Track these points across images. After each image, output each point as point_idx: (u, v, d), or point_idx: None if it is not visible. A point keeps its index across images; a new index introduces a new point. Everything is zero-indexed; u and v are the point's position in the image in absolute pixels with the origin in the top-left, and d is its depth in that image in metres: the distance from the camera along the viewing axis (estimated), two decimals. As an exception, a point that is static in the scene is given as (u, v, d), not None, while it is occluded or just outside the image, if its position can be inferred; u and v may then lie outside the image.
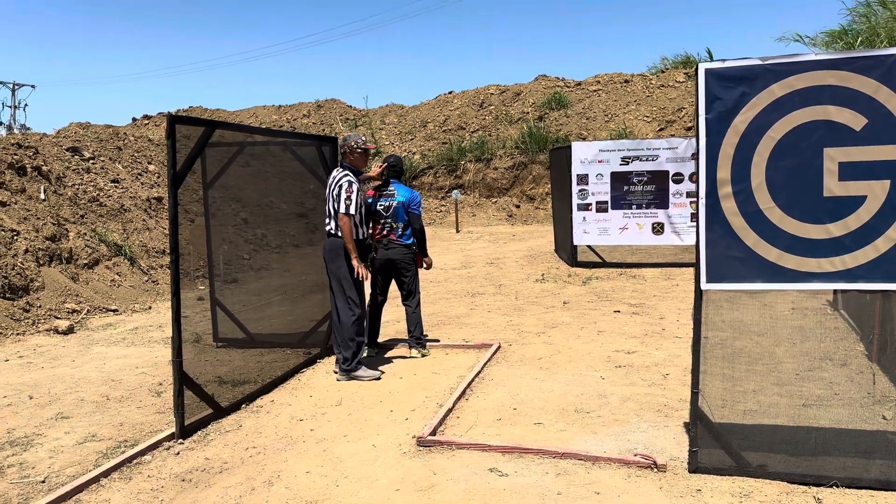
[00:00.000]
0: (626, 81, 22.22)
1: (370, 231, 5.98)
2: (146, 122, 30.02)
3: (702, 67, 3.34)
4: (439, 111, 24.07)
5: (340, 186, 5.42)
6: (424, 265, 6.20)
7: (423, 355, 6.11)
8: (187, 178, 6.99)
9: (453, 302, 8.71)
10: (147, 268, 11.07)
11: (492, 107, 23.07)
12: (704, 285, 3.43)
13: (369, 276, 5.55)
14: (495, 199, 19.82)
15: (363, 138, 5.74)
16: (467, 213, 19.27)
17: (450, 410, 4.53)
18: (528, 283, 9.98)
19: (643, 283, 9.72)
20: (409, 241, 6.02)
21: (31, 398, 5.18)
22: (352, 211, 5.33)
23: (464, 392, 4.91)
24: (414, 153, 22.10)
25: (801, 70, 3.20)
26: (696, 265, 3.44)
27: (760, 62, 3.25)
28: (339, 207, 5.36)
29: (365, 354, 6.22)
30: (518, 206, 19.38)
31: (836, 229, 3.23)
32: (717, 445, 3.53)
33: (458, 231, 17.53)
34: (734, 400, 4.59)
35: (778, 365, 5.41)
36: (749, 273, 3.36)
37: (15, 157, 11.11)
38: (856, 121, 3.17)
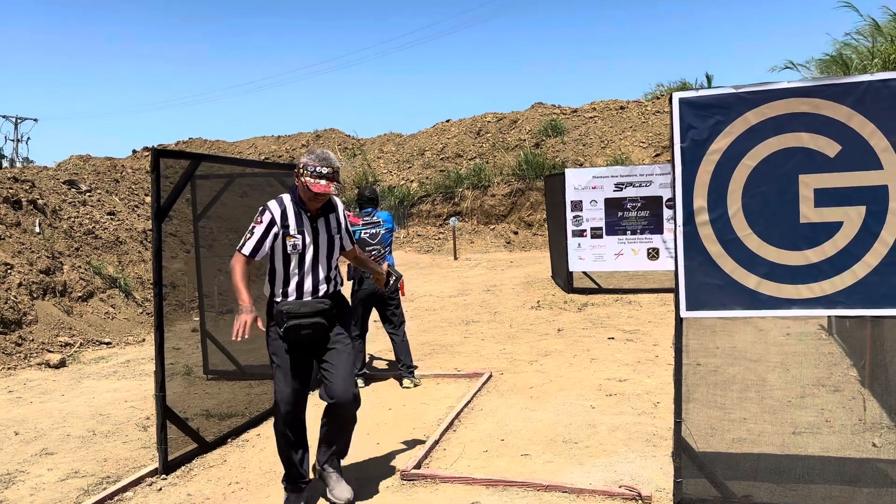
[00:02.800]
0: (622, 108, 22.37)
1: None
2: (146, 153, 30.21)
3: (675, 97, 3.36)
4: (437, 139, 24.22)
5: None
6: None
7: (416, 384, 6.07)
8: (182, 209, 7.03)
9: (447, 330, 8.67)
10: (142, 300, 11.07)
11: (489, 134, 23.21)
12: (684, 313, 3.41)
13: (246, 333, 3.40)
14: (493, 226, 19.84)
15: (325, 160, 3.57)
16: (465, 241, 19.29)
17: (436, 442, 4.49)
18: (524, 310, 9.95)
19: (639, 308, 9.68)
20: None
21: (16, 434, 5.15)
22: (245, 251, 3.55)
23: (451, 423, 4.87)
24: (412, 181, 22.19)
25: (775, 98, 3.21)
26: (676, 293, 3.43)
27: (734, 90, 3.27)
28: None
29: (363, 384, 6.19)
30: (516, 233, 19.40)
31: (813, 255, 3.21)
32: (702, 475, 3.48)
33: (455, 258, 17.53)
34: (723, 428, 4.55)
35: (770, 392, 5.36)
36: (728, 300, 3.34)
37: (10, 190, 11.17)
38: (830, 147, 3.17)
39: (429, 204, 21.03)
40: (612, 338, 7.75)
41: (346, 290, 5.34)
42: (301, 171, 3.56)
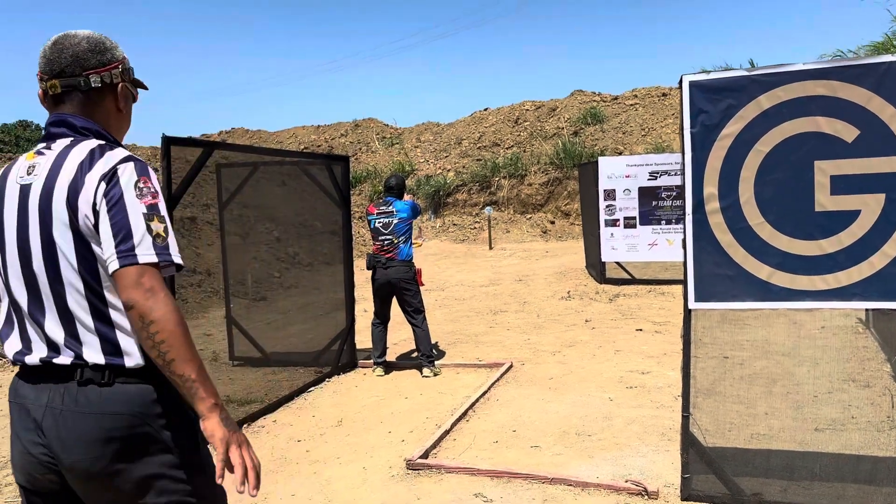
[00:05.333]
0: (664, 95, 21.90)
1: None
2: (191, 143, 30.76)
3: (685, 79, 3.24)
4: (474, 128, 24.09)
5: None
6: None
7: (436, 374, 6.05)
8: (219, 198, 7.07)
9: (474, 320, 8.63)
10: (177, 286, 11.28)
11: (527, 123, 22.99)
12: (692, 304, 3.30)
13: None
14: (529, 216, 19.68)
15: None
16: (501, 230, 19.17)
17: (447, 432, 4.46)
18: (553, 300, 9.84)
19: (672, 300, 9.48)
20: (409, 259, 6.03)
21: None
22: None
23: (465, 413, 4.83)
24: (448, 170, 22.14)
25: (789, 80, 3.07)
26: (685, 284, 3.32)
27: (746, 73, 3.14)
28: None
29: (383, 373, 6.19)
30: (553, 223, 19.21)
31: (828, 245, 3.07)
32: (708, 471, 3.38)
33: (490, 248, 17.45)
34: (743, 423, 4.42)
35: (797, 387, 5.19)
36: (739, 291, 3.22)
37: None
38: (847, 132, 3.02)
39: (465, 193, 20.96)
40: (641, 329, 7.61)
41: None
42: None
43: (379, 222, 6.02)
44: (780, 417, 4.52)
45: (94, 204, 1.59)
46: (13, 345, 1.70)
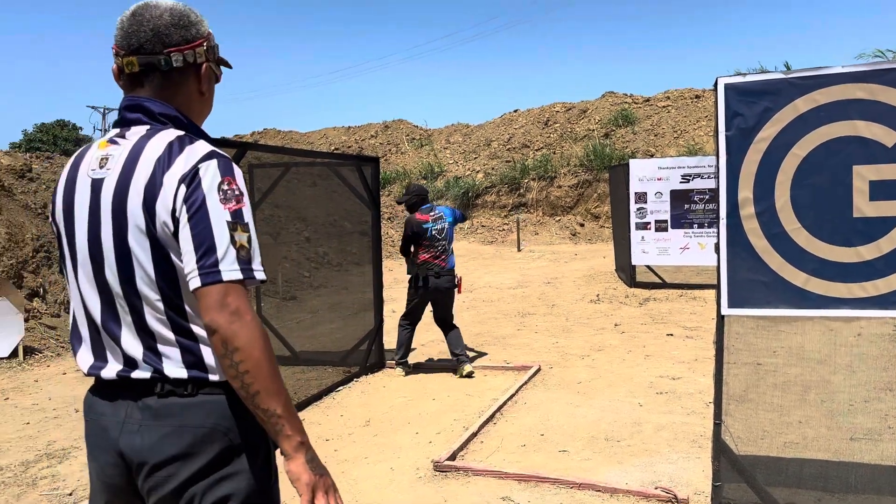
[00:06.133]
0: (697, 97, 21.65)
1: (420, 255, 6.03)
2: (224, 144, 31.17)
3: (720, 81, 3.20)
4: (504, 129, 24.05)
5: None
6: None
7: (473, 373, 6.02)
8: (251, 198, 7.15)
9: (502, 322, 8.61)
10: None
11: (557, 124, 22.89)
12: (725, 310, 3.25)
13: None
14: (559, 218, 19.58)
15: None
16: (530, 232, 19.10)
17: (474, 434, 4.45)
18: (582, 303, 9.77)
19: (703, 305, 9.36)
20: (454, 266, 6.11)
21: (76, 411, 5.40)
22: None
23: (493, 416, 4.82)
24: (477, 172, 22.13)
25: (827, 84, 3.01)
26: (718, 289, 3.27)
27: (783, 76, 3.09)
28: None
29: (403, 374, 6.22)
30: (582, 225, 19.09)
31: (867, 252, 3.01)
32: (740, 480, 3.33)
33: (519, 250, 17.39)
34: (776, 431, 4.34)
35: (832, 395, 5.09)
36: (774, 298, 3.16)
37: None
38: (887, 137, 2.95)
39: (494, 195, 20.92)
40: (671, 334, 7.52)
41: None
42: None
43: (435, 229, 6.01)
44: (814, 426, 4.44)
45: (174, 210, 1.40)
46: (87, 357, 1.55)
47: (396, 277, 12.30)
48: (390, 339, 6.97)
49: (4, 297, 7.27)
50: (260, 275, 1.44)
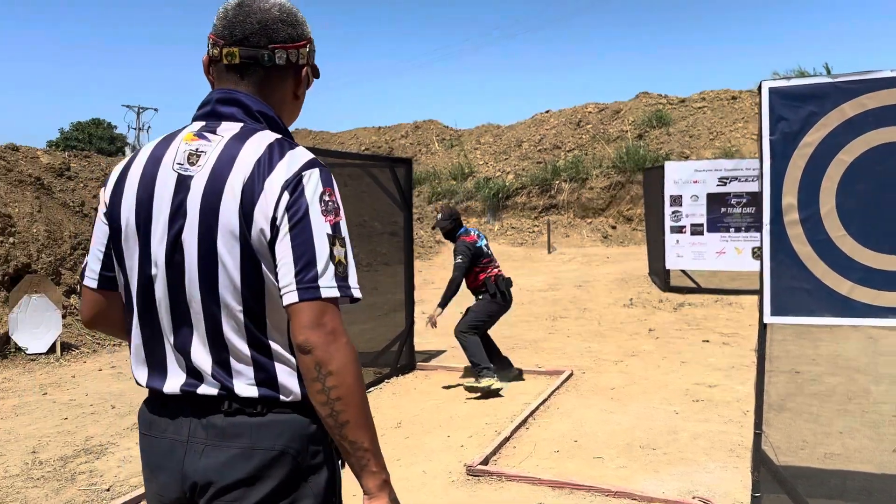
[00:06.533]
0: (734, 98, 21.34)
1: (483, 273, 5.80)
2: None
3: (765, 86, 3.13)
4: (535, 130, 23.95)
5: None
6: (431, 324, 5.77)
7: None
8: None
9: (533, 325, 8.55)
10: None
11: (589, 125, 22.72)
12: (768, 318, 3.18)
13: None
14: (590, 220, 19.43)
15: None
16: (560, 234, 18.98)
17: (506, 439, 4.42)
18: (615, 307, 9.67)
19: (740, 311, 9.21)
20: None
21: (112, 407, 5.48)
22: None
23: (525, 420, 4.79)
24: (508, 173, 22.06)
25: (875, 88, 2.93)
26: (760, 297, 3.20)
27: (830, 80, 3.01)
28: None
29: (500, 385, 5.59)
30: (614, 227, 18.92)
31: (917, 261, 2.91)
32: (780, 491, 3.25)
33: (549, 252, 17.30)
34: (816, 442, 4.25)
35: (874, 405, 4.96)
36: (818, 306, 3.08)
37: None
38: (940, 141, 2.86)
39: (524, 196, 20.84)
40: (707, 340, 7.41)
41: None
42: None
43: (485, 245, 5.91)
44: (856, 437, 4.33)
45: (275, 218, 1.29)
46: (146, 368, 1.43)
47: (426, 278, 12.31)
48: (420, 341, 6.96)
49: (43, 294, 7.42)
50: (356, 293, 1.33)
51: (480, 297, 5.82)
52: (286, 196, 1.29)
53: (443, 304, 5.68)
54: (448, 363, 6.63)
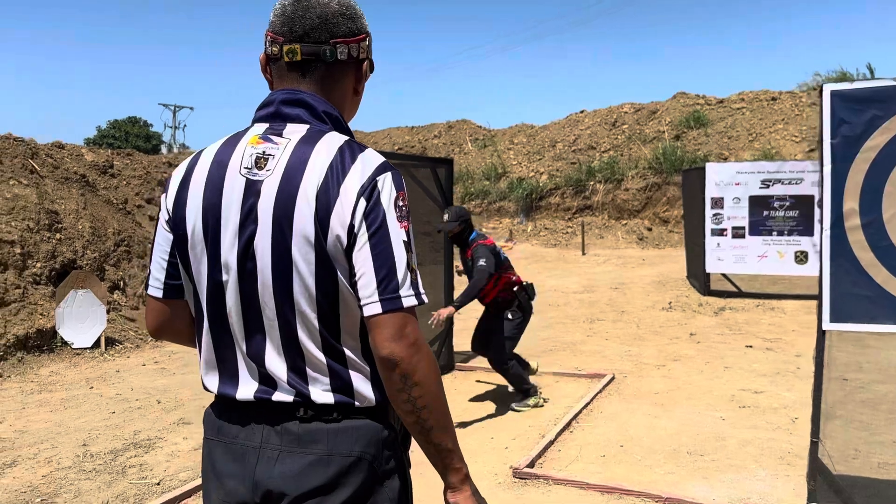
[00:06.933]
0: (774, 99, 20.96)
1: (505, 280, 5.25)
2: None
3: (826, 89, 3.07)
4: (569, 130, 23.79)
5: None
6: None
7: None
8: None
9: (570, 327, 8.50)
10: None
11: (625, 126, 22.51)
12: (827, 325, 3.12)
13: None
14: (625, 222, 19.24)
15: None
16: (594, 235, 18.84)
17: (552, 442, 4.39)
18: (654, 310, 9.57)
19: (782, 315, 9.04)
20: None
21: (158, 402, 5.57)
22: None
23: (569, 424, 4.75)
24: (541, 173, 21.96)
25: (946, 89, 2.85)
26: (819, 303, 3.14)
27: (893, 83, 2.93)
28: None
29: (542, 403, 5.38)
30: (650, 229, 18.71)
31: None
32: (837, 500, 3.18)
33: (584, 253, 17.17)
34: (868, 451, 4.16)
35: (928, 415, 4.83)
36: (879, 313, 3.01)
37: (164, 174, 12.11)
38: None
39: (558, 197, 20.72)
40: (750, 346, 7.28)
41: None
42: None
43: (501, 248, 5.47)
44: (911, 448, 4.22)
45: (352, 226, 1.27)
46: (216, 375, 1.41)
47: (464, 280, 12.30)
48: (459, 342, 6.95)
49: (89, 290, 7.57)
50: (424, 298, 1.32)
51: (507, 312, 5.25)
52: (363, 202, 1.27)
53: (459, 305, 4.94)
54: (486, 364, 6.61)
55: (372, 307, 1.26)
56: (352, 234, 1.26)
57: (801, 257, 10.08)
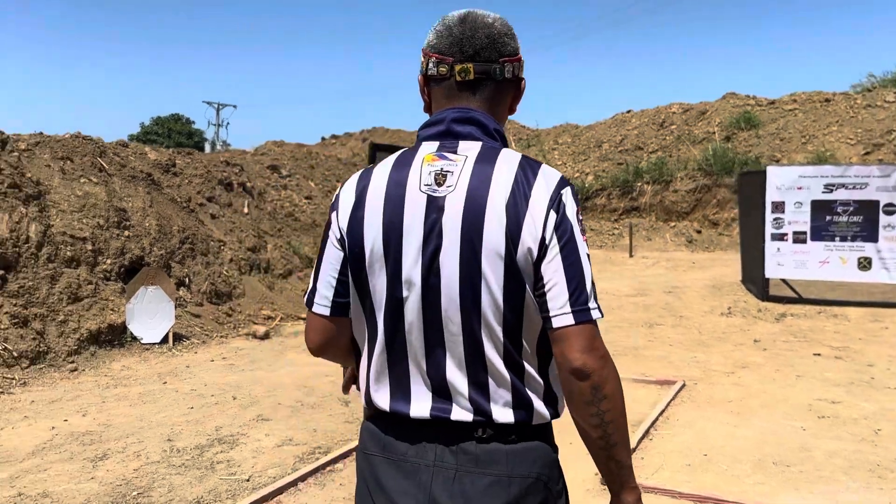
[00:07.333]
0: (827, 100, 20.50)
1: None
2: (333, 141, 32.14)
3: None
4: (615, 131, 23.59)
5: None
6: None
7: None
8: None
9: (629, 332, 8.43)
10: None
11: (673, 126, 22.24)
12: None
13: None
14: (673, 224, 19.02)
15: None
16: (642, 237, 18.65)
17: (633, 450, 4.37)
18: (712, 316, 9.44)
19: (846, 323, 8.86)
20: None
21: (234, 398, 5.67)
22: None
23: (647, 431, 4.72)
24: (587, 174, 21.81)
25: None
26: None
27: None
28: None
29: None
30: (699, 232, 18.47)
31: None
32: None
33: (631, 255, 17.02)
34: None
35: None
36: None
37: (224, 173, 12.31)
38: None
39: (604, 198, 20.56)
40: (819, 354, 7.15)
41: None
42: None
43: None
44: None
45: (543, 238, 1.29)
46: (387, 391, 1.39)
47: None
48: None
49: (158, 286, 7.74)
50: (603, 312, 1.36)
51: None
52: (553, 215, 1.30)
53: None
54: (552, 367, 6.60)
55: (563, 318, 1.27)
56: (543, 247, 1.28)
57: (865, 263, 9.85)
